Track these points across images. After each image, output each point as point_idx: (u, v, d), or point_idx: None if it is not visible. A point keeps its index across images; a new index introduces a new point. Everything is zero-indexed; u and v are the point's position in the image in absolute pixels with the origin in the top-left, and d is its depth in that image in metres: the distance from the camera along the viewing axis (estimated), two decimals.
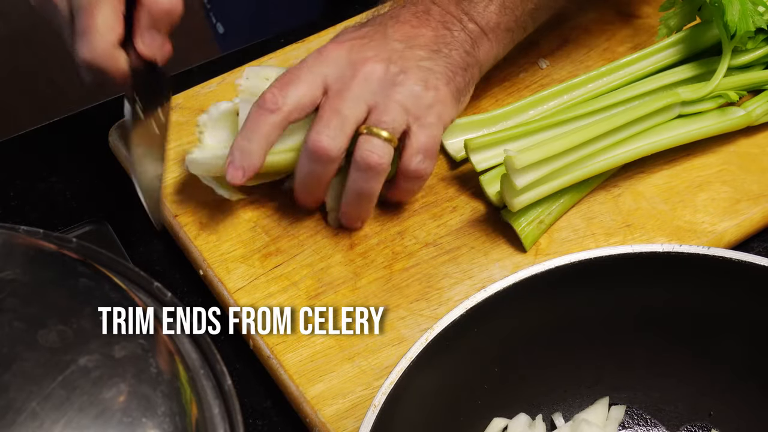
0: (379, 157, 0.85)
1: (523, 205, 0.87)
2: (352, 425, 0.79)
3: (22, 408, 0.59)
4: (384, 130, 0.85)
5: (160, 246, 0.92)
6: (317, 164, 0.85)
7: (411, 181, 0.88)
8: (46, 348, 0.62)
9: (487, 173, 0.91)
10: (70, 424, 0.60)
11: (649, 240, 0.89)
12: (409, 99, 0.86)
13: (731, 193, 0.92)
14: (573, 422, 0.78)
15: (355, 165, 0.86)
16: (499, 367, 0.76)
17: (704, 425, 0.78)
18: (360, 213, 0.89)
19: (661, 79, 0.94)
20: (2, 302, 0.64)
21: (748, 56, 0.95)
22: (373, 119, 0.85)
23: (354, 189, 0.87)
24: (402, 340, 0.84)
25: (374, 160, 0.85)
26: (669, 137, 0.91)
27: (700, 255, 0.74)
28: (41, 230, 0.72)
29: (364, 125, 0.85)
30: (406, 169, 0.87)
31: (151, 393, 0.62)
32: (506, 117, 0.94)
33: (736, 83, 0.94)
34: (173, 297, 0.70)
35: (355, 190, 0.87)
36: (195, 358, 0.68)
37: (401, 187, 0.89)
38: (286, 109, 0.85)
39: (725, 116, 0.93)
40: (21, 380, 0.60)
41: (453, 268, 0.88)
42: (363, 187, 0.86)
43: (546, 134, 0.91)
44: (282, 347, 0.83)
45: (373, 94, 0.85)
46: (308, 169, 0.86)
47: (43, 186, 0.97)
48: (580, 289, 0.75)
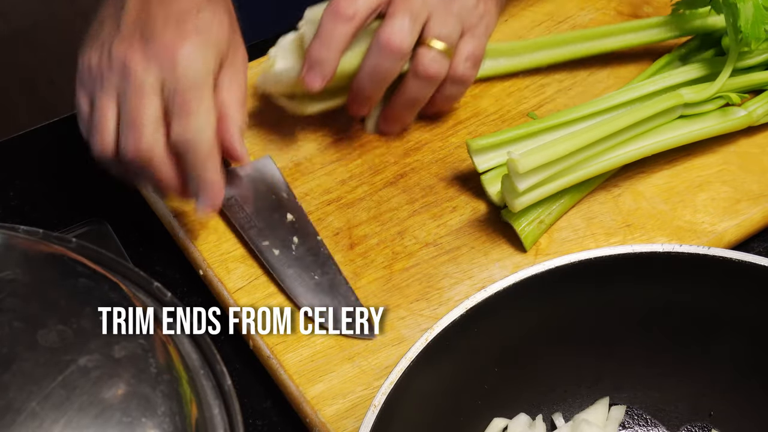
0: (439, 67, 0.90)
1: (524, 206, 0.87)
2: (352, 425, 0.79)
3: (22, 408, 0.59)
4: (443, 42, 0.89)
5: (160, 246, 0.92)
6: (388, 60, 0.89)
7: (456, 85, 0.93)
8: (46, 348, 0.62)
9: (488, 173, 0.91)
10: (70, 424, 0.60)
11: (649, 240, 0.89)
12: (464, 10, 0.91)
13: (731, 193, 0.92)
14: (573, 422, 0.78)
15: (414, 74, 0.90)
16: (499, 367, 0.76)
17: (704, 425, 0.78)
18: (407, 118, 0.95)
19: (664, 80, 0.94)
20: (2, 302, 0.64)
21: (753, 59, 0.95)
22: (434, 31, 0.89)
23: (409, 96, 0.92)
24: (402, 340, 0.84)
25: (434, 70, 0.90)
26: (671, 138, 0.91)
27: (700, 255, 0.74)
28: (41, 230, 0.72)
29: (424, 36, 0.89)
30: (454, 73, 0.92)
31: (150, 393, 0.62)
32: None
33: (738, 85, 0.94)
34: (173, 297, 0.70)
35: (411, 97, 0.92)
36: (195, 358, 0.68)
37: (446, 92, 0.94)
38: (360, 17, 0.88)
39: (727, 117, 0.93)
40: (21, 380, 0.60)
41: (453, 268, 0.88)
42: (419, 94, 0.92)
43: (548, 136, 0.91)
44: (282, 347, 0.83)
45: (434, 2, 0.90)
46: (376, 65, 0.89)
47: (43, 186, 0.97)
48: (580, 289, 0.75)
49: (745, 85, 0.94)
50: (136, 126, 0.82)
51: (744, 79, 0.94)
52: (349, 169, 0.95)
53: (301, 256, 0.87)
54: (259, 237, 0.88)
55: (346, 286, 0.86)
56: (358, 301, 0.85)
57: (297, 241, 0.88)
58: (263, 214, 0.90)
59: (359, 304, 0.85)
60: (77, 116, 0.87)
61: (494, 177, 0.90)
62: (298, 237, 0.88)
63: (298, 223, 0.90)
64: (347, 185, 0.94)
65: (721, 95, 0.93)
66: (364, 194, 0.93)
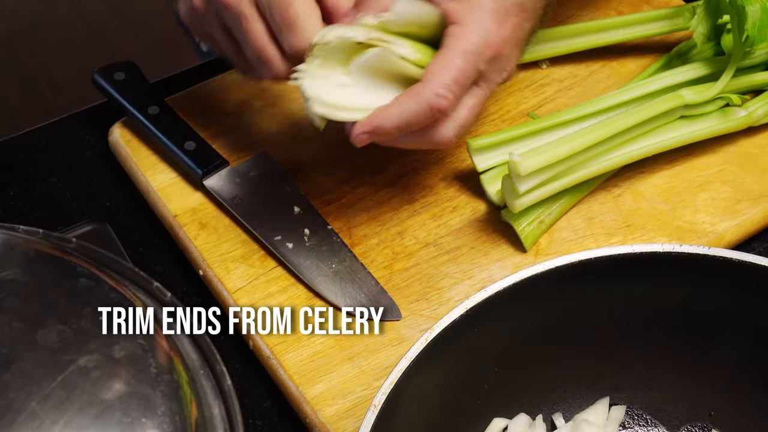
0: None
1: (524, 207, 0.87)
2: (352, 425, 0.79)
3: (22, 408, 0.59)
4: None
5: (160, 246, 0.92)
6: (429, 119, 0.81)
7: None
8: (46, 348, 0.62)
9: (487, 172, 0.91)
10: (70, 424, 0.60)
11: (649, 240, 0.89)
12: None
13: (732, 193, 0.92)
14: (573, 422, 0.78)
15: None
16: (499, 367, 0.76)
17: (704, 425, 0.78)
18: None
19: (664, 80, 0.94)
20: (2, 302, 0.64)
21: (753, 59, 0.95)
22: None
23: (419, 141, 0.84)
24: (402, 340, 0.84)
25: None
26: (671, 138, 0.91)
27: (700, 255, 0.74)
28: (41, 230, 0.72)
29: None
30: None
31: (150, 393, 0.62)
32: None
33: (739, 86, 0.94)
34: (173, 297, 0.70)
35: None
36: (195, 358, 0.68)
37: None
38: (446, 114, 0.81)
39: (727, 117, 0.93)
40: (21, 380, 0.60)
41: (453, 268, 0.88)
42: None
43: (549, 136, 0.91)
44: (282, 347, 0.83)
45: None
46: (414, 119, 0.80)
47: (43, 186, 0.97)
48: (580, 289, 0.75)
49: (746, 86, 0.94)
50: (258, 57, 0.83)
51: (745, 80, 0.94)
52: (349, 169, 0.95)
53: (315, 246, 0.88)
54: (270, 233, 0.88)
55: (365, 271, 0.87)
56: (378, 285, 0.86)
57: (308, 232, 0.88)
58: (270, 209, 0.90)
59: (381, 288, 0.86)
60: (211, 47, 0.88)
61: (494, 177, 0.90)
62: (308, 228, 0.89)
63: (307, 215, 0.90)
64: (347, 185, 0.94)
65: (721, 96, 0.93)
66: (364, 194, 0.93)
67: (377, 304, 0.85)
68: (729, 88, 0.93)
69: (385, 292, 0.86)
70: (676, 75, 0.94)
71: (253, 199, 0.91)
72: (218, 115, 0.98)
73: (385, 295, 0.86)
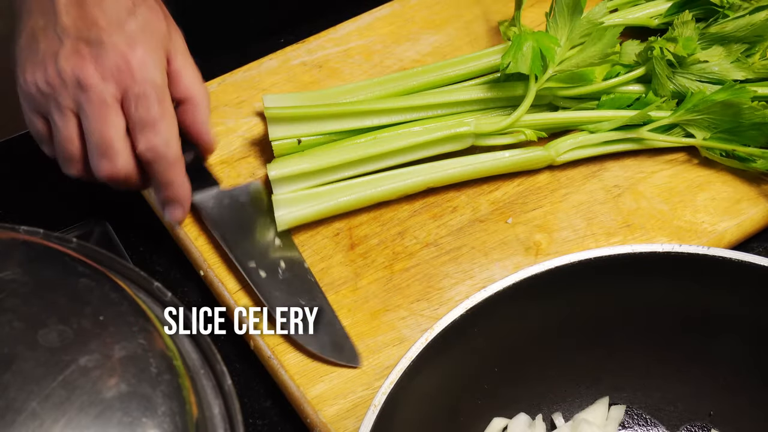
0: None
1: (287, 224, 0.88)
2: (352, 425, 0.79)
3: (22, 408, 0.59)
4: None
5: (160, 246, 0.92)
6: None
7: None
8: (46, 348, 0.62)
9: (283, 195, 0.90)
10: (70, 424, 0.60)
11: (649, 240, 0.89)
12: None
13: (731, 193, 0.92)
14: (573, 422, 0.78)
15: None
16: (499, 367, 0.76)
17: (704, 425, 0.78)
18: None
19: (451, 94, 0.93)
20: (2, 302, 0.64)
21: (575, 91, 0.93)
22: None
23: None
24: (402, 340, 0.84)
25: None
26: (460, 168, 0.91)
27: (700, 255, 0.74)
28: (41, 230, 0.72)
29: None
30: None
31: (151, 393, 0.62)
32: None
33: (535, 122, 0.92)
34: (173, 297, 0.70)
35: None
36: (195, 358, 0.68)
37: None
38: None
39: (526, 151, 0.92)
40: (21, 380, 0.60)
41: (453, 268, 0.88)
42: None
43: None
44: (283, 347, 0.83)
45: None
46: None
47: (43, 186, 0.97)
48: (580, 289, 0.75)
49: (543, 123, 0.92)
50: (106, 148, 0.82)
51: (543, 118, 0.92)
52: None
53: (288, 280, 0.87)
54: (245, 257, 0.87)
55: (333, 314, 0.85)
56: (343, 330, 0.84)
57: (284, 266, 0.88)
58: (250, 236, 0.89)
59: (345, 333, 0.84)
60: (34, 137, 0.86)
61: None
62: (285, 262, 0.88)
63: (287, 250, 0.89)
64: None
65: (516, 130, 0.92)
66: None
67: (339, 349, 0.83)
68: (525, 123, 0.92)
69: (348, 338, 0.84)
70: (468, 91, 0.93)
71: (236, 223, 0.89)
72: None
73: (348, 341, 0.84)
